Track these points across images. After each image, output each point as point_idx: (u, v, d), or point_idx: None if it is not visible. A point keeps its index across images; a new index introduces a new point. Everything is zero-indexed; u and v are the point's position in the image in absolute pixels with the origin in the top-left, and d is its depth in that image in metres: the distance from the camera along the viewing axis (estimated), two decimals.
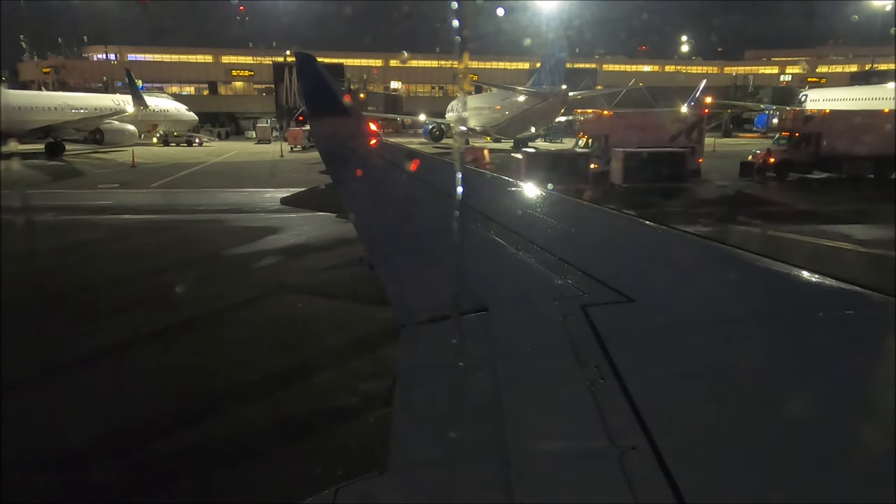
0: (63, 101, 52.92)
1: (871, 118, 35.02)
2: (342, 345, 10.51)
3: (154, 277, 15.14)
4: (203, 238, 20.01)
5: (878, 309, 2.31)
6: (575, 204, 4.76)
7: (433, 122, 60.10)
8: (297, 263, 16.79)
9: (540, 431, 1.85)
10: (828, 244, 18.09)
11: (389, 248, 4.11)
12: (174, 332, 11.46)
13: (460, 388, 2.16)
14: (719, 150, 49.58)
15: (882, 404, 1.75)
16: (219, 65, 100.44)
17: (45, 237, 19.87)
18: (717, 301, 2.65)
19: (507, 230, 3.83)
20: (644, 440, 1.60)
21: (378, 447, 1.95)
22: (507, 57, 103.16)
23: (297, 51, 34.87)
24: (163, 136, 63.51)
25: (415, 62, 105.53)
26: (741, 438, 1.67)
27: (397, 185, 6.26)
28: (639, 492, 1.44)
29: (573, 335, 2.29)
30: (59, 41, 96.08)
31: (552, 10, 61.58)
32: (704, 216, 23.34)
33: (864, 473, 1.50)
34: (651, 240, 3.78)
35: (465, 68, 41.75)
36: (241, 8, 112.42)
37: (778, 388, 1.91)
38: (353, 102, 10.56)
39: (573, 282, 2.86)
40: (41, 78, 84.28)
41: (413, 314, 2.87)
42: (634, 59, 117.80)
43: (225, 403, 8.82)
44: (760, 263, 2.93)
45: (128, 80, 59.44)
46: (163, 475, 7.05)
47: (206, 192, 30.65)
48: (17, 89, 61.86)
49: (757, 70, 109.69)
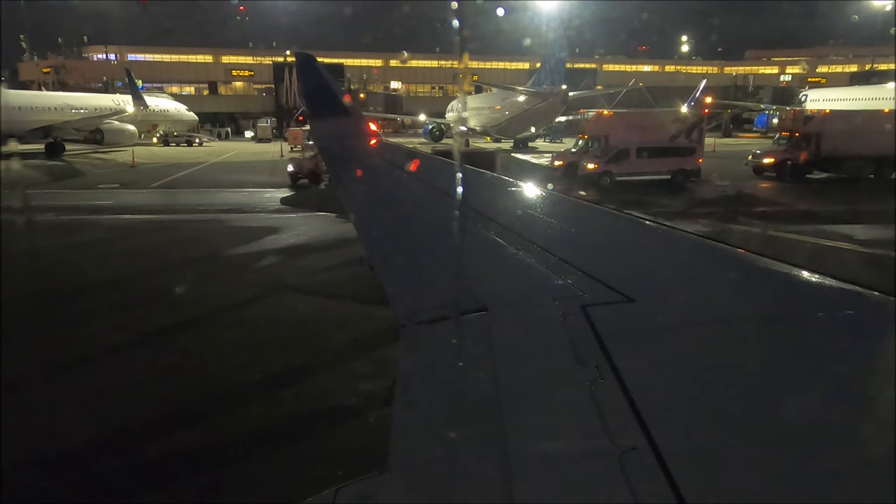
0: (63, 101, 52.88)
1: (870, 118, 35.03)
2: (342, 345, 10.52)
3: (154, 277, 15.14)
4: (203, 238, 20.00)
5: (878, 309, 2.31)
6: (575, 204, 4.76)
7: (433, 122, 60.11)
8: (297, 263, 16.79)
9: (540, 431, 1.85)
10: (828, 244, 18.09)
11: (389, 248, 4.12)
12: (173, 332, 11.46)
13: (460, 388, 2.16)
14: (719, 150, 49.58)
15: (882, 404, 1.75)
16: (219, 65, 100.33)
17: (45, 237, 19.86)
18: (717, 301, 2.65)
19: (507, 230, 3.83)
20: (644, 440, 1.60)
21: (378, 447, 1.95)
22: (507, 57, 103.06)
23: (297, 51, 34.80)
24: (163, 136, 63.47)
25: (415, 62, 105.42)
26: (741, 438, 1.67)
27: (397, 185, 6.26)
28: (639, 492, 1.44)
29: (573, 335, 2.29)
30: (59, 41, 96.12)
31: (552, 10, 61.65)
32: (705, 216, 23.34)
33: (864, 473, 1.49)
34: (651, 240, 3.78)
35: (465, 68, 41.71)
36: (241, 8, 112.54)
37: (778, 388, 1.91)
38: (353, 102, 10.56)
39: (573, 282, 2.86)
40: (41, 78, 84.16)
41: (413, 314, 2.88)
42: (634, 59, 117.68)
43: (224, 403, 8.82)
44: (760, 263, 2.93)
45: (128, 80, 59.37)
46: (162, 475, 7.05)
47: (206, 192, 30.66)
48: (17, 89, 61.77)
49: (757, 70, 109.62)
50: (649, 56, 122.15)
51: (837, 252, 17.29)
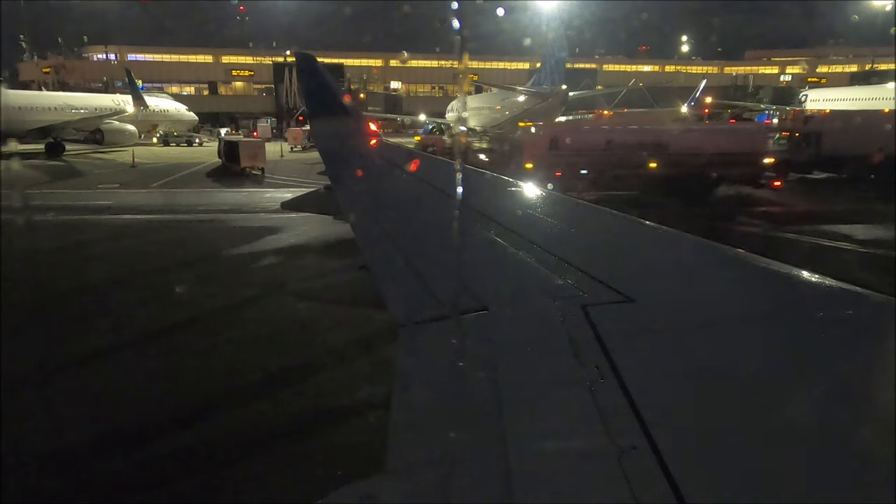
0: (63, 101, 52.86)
1: (870, 118, 35.03)
2: (339, 346, 10.51)
3: (153, 278, 15.14)
4: (203, 238, 20.01)
5: (878, 309, 2.31)
6: (575, 204, 4.76)
7: (433, 122, 60.09)
8: (295, 264, 16.79)
9: (540, 431, 1.85)
10: (828, 244, 18.09)
11: (388, 248, 4.11)
12: (173, 332, 11.46)
13: (460, 388, 2.15)
14: None
15: (882, 404, 1.75)
16: (219, 65, 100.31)
17: (45, 237, 19.86)
18: (717, 301, 2.64)
19: (507, 230, 3.83)
20: (644, 440, 1.60)
21: (377, 447, 1.95)
22: (507, 57, 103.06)
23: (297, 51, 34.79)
24: (163, 136, 63.43)
25: (415, 62, 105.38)
26: (741, 438, 1.67)
27: (396, 184, 6.26)
28: (639, 492, 1.43)
29: (573, 335, 2.29)
30: (59, 41, 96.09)
31: (552, 10, 61.56)
32: (705, 216, 23.32)
33: (865, 473, 1.49)
34: (651, 240, 3.77)
35: (465, 68, 41.80)
36: (241, 8, 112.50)
37: (778, 388, 1.91)
38: (353, 102, 10.57)
39: (573, 282, 2.86)
40: (41, 78, 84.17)
41: (412, 314, 2.87)
42: (634, 59, 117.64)
43: (223, 403, 8.82)
44: (760, 263, 2.92)
45: (128, 80, 59.30)
46: (162, 475, 7.04)
47: (206, 192, 30.64)
48: (17, 89, 61.74)
49: (757, 70, 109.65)
50: (649, 56, 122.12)
51: (837, 252, 17.29)
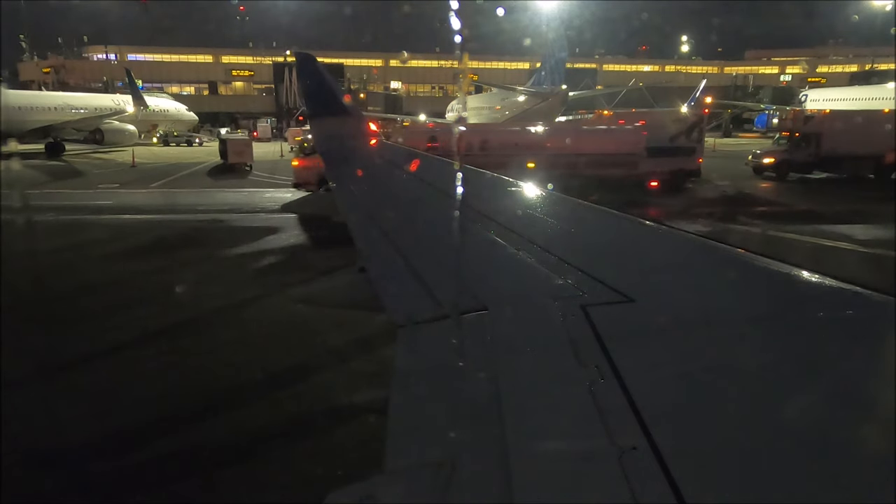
0: (63, 101, 52.89)
1: (870, 118, 35.05)
2: (339, 344, 10.51)
3: (153, 278, 15.13)
4: (203, 238, 20.00)
5: (878, 309, 2.31)
6: (575, 204, 4.76)
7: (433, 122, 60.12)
8: (295, 264, 16.79)
9: (539, 431, 1.85)
10: (828, 244, 18.09)
11: (387, 248, 4.10)
12: (172, 333, 11.46)
13: (459, 388, 2.15)
14: (719, 150, 49.57)
15: (882, 404, 1.75)
16: (219, 65, 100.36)
17: (45, 237, 19.86)
18: (717, 301, 2.64)
19: (507, 230, 3.83)
20: (644, 440, 1.60)
21: (377, 447, 1.95)
22: (507, 57, 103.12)
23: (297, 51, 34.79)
24: (163, 136, 63.46)
25: (415, 62, 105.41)
26: (741, 438, 1.66)
27: (396, 184, 6.26)
28: (639, 492, 1.43)
29: (573, 335, 2.28)
30: (59, 41, 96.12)
31: (552, 10, 61.63)
32: (705, 216, 23.34)
33: (865, 473, 1.49)
34: (651, 240, 3.77)
35: (465, 68, 41.74)
36: (241, 8, 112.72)
37: (778, 388, 1.91)
38: (352, 102, 10.57)
39: (573, 282, 2.86)
40: (41, 78, 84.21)
41: (411, 314, 2.86)
42: (634, 59, 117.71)
43: (222, 403, 8.81)
44: (760, 263, 2.92)
45: (128, 80, 59.32)
46: (161, 475, 7.04)
47: (206, 192, 30.65)
48: (17, 89, 61.75)
49: (757, 70, 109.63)
50: (649, 56, 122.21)
51: (837, 252, 17.29)
